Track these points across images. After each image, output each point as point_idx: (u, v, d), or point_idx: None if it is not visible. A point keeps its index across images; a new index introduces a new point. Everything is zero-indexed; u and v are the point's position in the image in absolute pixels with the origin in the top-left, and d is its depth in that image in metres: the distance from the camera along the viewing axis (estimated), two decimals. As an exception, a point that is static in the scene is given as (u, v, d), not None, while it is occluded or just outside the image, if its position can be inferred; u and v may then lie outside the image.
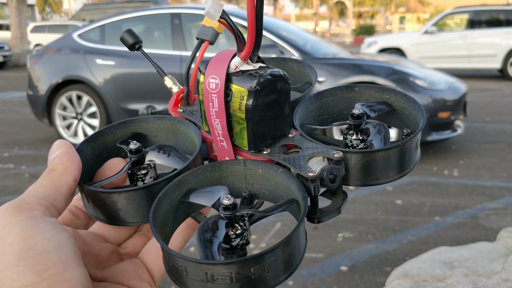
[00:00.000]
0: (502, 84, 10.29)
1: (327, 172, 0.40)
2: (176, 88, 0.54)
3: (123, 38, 0.56)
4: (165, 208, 0.40)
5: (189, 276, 0.34)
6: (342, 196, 0.43)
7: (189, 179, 0.42)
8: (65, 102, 5.55)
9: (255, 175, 0.43)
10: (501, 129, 6.11)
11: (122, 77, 5.32)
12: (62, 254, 0.34)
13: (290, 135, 0.45)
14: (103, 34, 5.57)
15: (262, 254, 0.33)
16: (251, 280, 0.33)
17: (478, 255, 2.37)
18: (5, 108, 8.40)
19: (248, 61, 0.43)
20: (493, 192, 3.94)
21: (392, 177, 0.43)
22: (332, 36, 40.84)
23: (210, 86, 0.43)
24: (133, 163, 0.46)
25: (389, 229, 3.25)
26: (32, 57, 5.77)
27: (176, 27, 5.35)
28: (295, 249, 0.36)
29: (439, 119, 4.68)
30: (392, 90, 0.50)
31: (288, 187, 0.40)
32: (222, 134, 0.44)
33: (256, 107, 0.41)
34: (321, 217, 0.42)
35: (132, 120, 0.51)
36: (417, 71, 4.93)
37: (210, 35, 0.48)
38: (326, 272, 2.71)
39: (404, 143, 0.42)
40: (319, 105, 0.52)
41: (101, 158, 0.49)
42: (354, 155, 0.42)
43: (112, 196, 0.42)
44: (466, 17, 11.57)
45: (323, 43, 5.77)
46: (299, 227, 0.36)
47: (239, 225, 0.38)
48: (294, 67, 0.59)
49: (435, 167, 4.62)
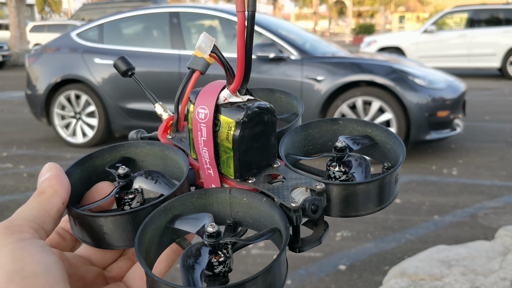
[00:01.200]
0: (501, 83, 10.29)
1: (309, 203, 0.41)
2: (166, 115, 0.56)
3: (116, 65, 0.58)
4: (151, 234, 0.41)
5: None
6: (323, 227, 0.45)
7: (175, 205, 0.43)
8: (64, 101, 5.55)
9: (240, 203, 0.44)
10: (500, 128, 6.10)
11: (120, 76, 5.29)
12: (50, 277, 0.35)
13: (275, 165, 0.47)
14: (101, 33, 5.56)
15: (243, 283, 0.34)
16: None
17: (476, 254, 2.36)
18: (4, 107, 8.40)
19: (237, 93, 0.44)
20: (492, 191, 3.94)
21: (372, 209, 0.44)
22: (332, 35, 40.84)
23: (199, 116, 0.44)
24: (121, 187, 0.47)
25: (387, 228, 3.24)
26: (31, 56, 5.76)
27: (174, 26, 5.35)
28: (275, 277, 0.37)
29: (438, 118, 4.67)
30: (374, 125, 0.52)
31: (271, 216, 0.41)
32: (209, 162, 0.45)
33: (243, 138, 0.43)
34: (302, 246, 0.43)
35: (121, 144, 0.52)
36: (416, 70, 4.92)
37: (201, 66, 0.49)
38: (325, 271, 2.70)
39: (384, 176, 0.44)
40: (305, 136, 0.54)
41: (89, 181, 0.50)
42: (336, 187, 0.43)
43: (99, 220, 0.42)
44: (465, 16, 11.57)
45: (323, 42, 5.76)
46: (280, 256, 0.37)
47: (222, 253, 0.39)
48: (282, 98, 0.61)
49: (434, 166, 4.62)
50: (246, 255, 2.86)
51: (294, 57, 4.84)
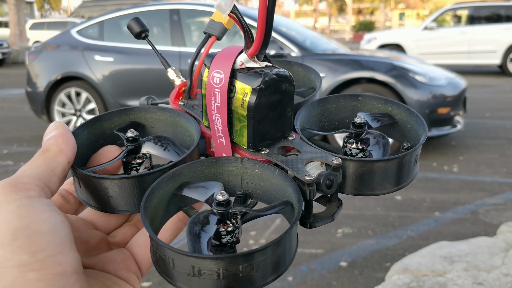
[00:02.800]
0: (502, 80, 10.28)
1: (324, 177, 0.40)
2: (179, 81, 0.54)
3: (129, 26, 0.55)
4: (157, 199, 0.40)
5: (176, 268, 0.34)
6: (337, 204, 0.43)
7: (184, 172, 0.42)
8: (64, 98, 5.54)
9: (252, 174, 0.43)
10: (501, 125, 6.10)
11: (120, 73, 5.31)
12: (56, 237, 0.34)
13: (290, 137, 0.45)
14: (101, 30, 5.56)
15: (252, 253, 0.33)
16: (238, 278, 0.33)
17: (478, 250, 2.36)
18: (4, 105, 8.39)
19: (255, 58, 0.42)
20: (493, 187, 3.94)
21: (389, 189, 0.43)
22: (332, 33, 40.81)
23: (214, 81, 0.42)
24: (129, 151, 0.45)
25: (389, 225, 3.24)
26: (31, 53, 5.75)
27: (175, 23, 5.34)
28: (285, 251, 0.35)
29: (439, 114, 4.67)
30: (396, 103, 0.50)
31: (284, 189, 0.40)
32: (222, 130, 0.44)
33: (259, 106, 0.41)
34: (314, 222, 0.41)
35: (131, 108, 0.50)
36: (416, 67, 4.91)
37: (218, 30, 0.47)
38: (326, 268, 2.70)
39: (404, 155, 0.42)
40: (321, 111, 0.52)
41: (96, 144, 0.48)
42: (353, 163, 0.41)
43: (105, 182, 0.41)
44: (466, 13, 11.56)
45: (323, 39, 5.75)
46: (291, 229, 0.35)
47: (231, 222, 0.38)
48: (300, 71, 0.59)
49: (435, 162, 4.62)
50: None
51: (295, 54, 4.84)
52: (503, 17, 11.15)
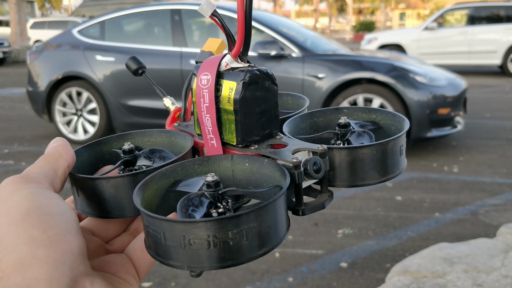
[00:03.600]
0: (502, 80, 10.29)
1: (311, 161, 0.42)
2: (174, 107, 0.58)
3: (127, 64, 0.61)
4: (151, 192, 0.41)
5: (167, 241, 0.34)
6: (327, 194, 0.45)
7: (177, 170, 0.44)
8: (65, 98, 5.55)
9: (242, 169, 0.44)
10: (501, 125, 6.11)
11: (122, 73, 5.31)
12: (65, 219, 0.36)
13: (277, 136, 0.48)
14: (103, 30, 5.56)
15: (240, 215, 0.33)
16: (228, 247, 0.33)
17: (478, 251, 2.37)
18: (5, 104, 8.40)
19: (238, 60, 0.45)
20: (493, 188, 3.94)
21: (378, 179, 0.44)
22: (332, 33, 40.78)
23: (202, 83, 0.45)
24: (125, 163, 0.48)
25: (389, 225, 3.25)
26: (32, 53, 5.76)
27: (176, 23, 5.34)
28: (274, 222, 0.36)
29: (439, 115, 4.67)
30: (379, 110, 0.53)
31: (273, 176, 0.42)
32: (212, 131, 0.46)
33: (244, 99, 0.44)
34: (306, 209, 0.43)
35: (129, 133, 0.53)
36: (417, 67, 4.92)
37: None
38: (326, 269, 2.71)
39: (388, 141, 0.44)
40: (310, 124, 0.55)
41: (97, 167, 0.51)
42: (339, 151, 0.43)
43: (100, 183, 0.43)
44: (466, 13, 11.56)
45: (323, 40, 5.76)
46: (280, 195, 0.36)
47: (222, 205, 0.39)
48: (288, 100, 0.63)
49: (435, 163, 4.63)
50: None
51: (295, 54, 4.85)
52: (504, 17, 11.15)
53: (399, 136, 0.45)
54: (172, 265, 0.35)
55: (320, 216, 3.40)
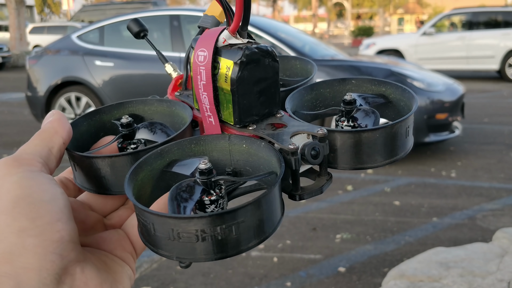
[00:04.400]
0: (500, 85, 10.31)
1: (309, 147, 0.40)
2: (175, 74, 0.56)
3: (129, 26, 0.57)
4: (145, 174, 0.40)
5: (157, 232, 0.34)
6: (326, 177, 0.43)
7: (173, 150, 0.42)
8: (64, 103, 5.57)
9: (240, 150, 0.43)
10: (499, 130, 6.12)
11: (121, 78, 5.33)
12: (56, 206, 0.35)
13: (278, 115, 0.45)
14: (102, 35, 5.59)
15: (229, 212, 0.33)
16: (217, 241, 0.33)
17: (473, 256, 2.38)
18: (4, 109, 8.40)
19: (237, 35, 0.43)
20: (491, 193, 3.96)
21: (380, 162, 0.42)
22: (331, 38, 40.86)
23: (199, 59, 0.43)
24: (124, 137, 0.46)
25: (387, 230, 3.26)
26: (31, 58, 5.78)
27: (175, 29, 5.37)
28: (266, 214, 0.35)
29: (437, 120, 4.69)
30: (389, 82, 0.50)
31: (269, 161, 0.40)
32: (210, 109, 0.45)
33: (242, 79, 0.42)
34: (303, 194, 0.41)
35: (130, 101, 0.52)
36: (415, 73, 4.94)
37: (211, 23, 0.49)
38: (324, 273, 2.72)
39: (393, 125, 0.42)
40: (315, 95, 0.52)
41: (97, 137, 0.50)
42: (340, 134, 0.41)
43: (96, 162, 0.42)
44: (464, 19, 11.60)
45: (322, 45, 5.78)
46: (272, 190, 0.35)
47: (215, 192, 0.38)
48: (297, 65, 0.60)
49: (433, 168, 4.64)
50: (246, 257, 2.88)
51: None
52: (502, 22, 11.19)
53: (405, 118, 0.43)
54: (162, 254, 0.35)
55: (318, 221, 3.41)
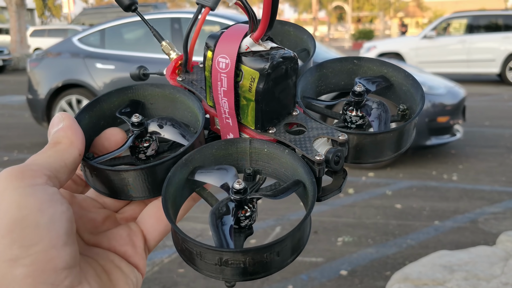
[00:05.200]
0: (501, 88, 10.32)
1: (333, 155, 0.41)
2: (174, 55, 0.52)
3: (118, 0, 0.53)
4: (174, 188, 0.41)
5: (203, 259, 0.35)
6: (342, 175, 0.44)
7: (196, 158, 0.42)
8: (65, 106, 5.56)
9: (261, 153, 0.43)
10: (500, 133, 6.12)
11: (122, 81, 5.33)
12: (52, 230, 0.34)
13: (294, 113, 0.46)
14: (103, 38, 5.59)
15: (276, 243, 0.35)
16: (263, 264, 0.35)
17: (477, 259, 2.37)
18: (5, 112, 8.40)
19: (260, 41, 0.42)
20: (492, 196, 3.95)
21: (389, 156, 0.44)
22: (331, 41, 40.91)
23: (220, 66, 0.42)
24: (136, 136, 0.45)
25: (388, 233, 3.25)
26: (32, 61, 5.77)
27: (176, 32, 5.37)
28: (304, 234, 0.38)
29: (438, 123, 4.69)
30: (392, 65, 0.50)
31: (294, 168, 0.41)
32: (229, 112, 0.44)
33: (267, 90, 0.41)
34: (323, 196, 0.42)
35: (130, 87, 0.50)
36: (415, 76, 4.93)
37: (211, 1, 0.45)
38: (326, 277, 2.71)
39: (405, 125, 0.44)
40: (318, 76, 0.53)
41: (98, 126, 0.48)
42: (357, 136, 0.42)
43: (121, 174, 0.42)
44: (465, 22, 11.61)
45: (322, 48, 5.78)
46: (309, 214, 0.37)
47: (249, 207, 0.39)
48: (291, 32, 0.58)
49: (435, 171, 4.63)
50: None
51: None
52: (502, 26, 11.20)
53: (417, 116, 0.45)
54: (207, 275, 0.36)
55: (320, 224, 3.40)
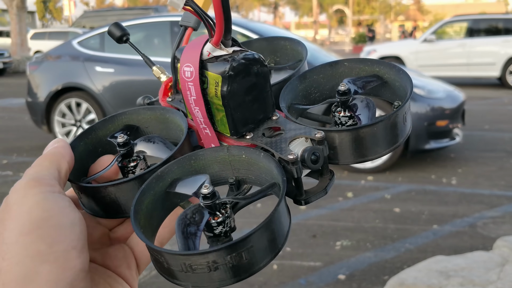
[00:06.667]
0: (501, 92, 10.32)
1: (308, 153, 0.40)
2: (165, 77, 0.54)
3: (110, 31, 0.55)
4: (149, 200, 0.40)
5: (171, 266, 0.35)
6: (329, 176, 0.43)
7: (173, 170, 0.42)
8: (64, 109, 5.57)
9: (240, 160, 0.42)
10: (499, 137, 6.12)
11: (121, 84, 5.33)
12: (73, 232, 0.36)
13: (274, 117, 0.44)
14: (102, 41, 5.59)
15: (236, 242, 0.33)
16: (230, 268, 0.33)
17: (474, 265, 2.37)
18: (4, 114, 8.41)
19: (221, 45, 0.42)
20: (491, 200, 3.94)
21: (380, 152, 0.42)
22: (332, 44, 40.97)
23: (186, 75, 0.42)
24: (123, 156, 0.45)
25: (387, 237, 3.25)
26: (32, 64, 5.78)
27: (175, 35, 5.37)
28: (275, 232, 0.35)
29: (438, 127, 4.69)
30: (382, 62, 0.49)
31: (270, 170, 0.40)
32: (204, 122, 0.44)
33: (232, 93, 0.41)
34: (308, 198, 0.41)
35: (123, 113, 0.51)
36: (415, 80, 4.94)
37: (193, 21, 0.47)
38: (324, 281, 2.70)
39: (389, 116, 0.41)
40: (309, 83, 0.51)
41: (95, 153, 0.49)
42: (338, 133, 0.41)
43: (101, 191, 0.42)
44: (465, 26, 11.63)
45: (322, 52, 5.79)
46: (276, 210, 0.35)
47: (221, 213, 0.38)
48: (287, 46, 0.58)
49: (433, 175, 4.63)
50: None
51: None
52: (502, 29, 11.21)
53: (401, 107, 0.42)
54: (178, 284, 0.36)
55: (318, 228, 3.39)
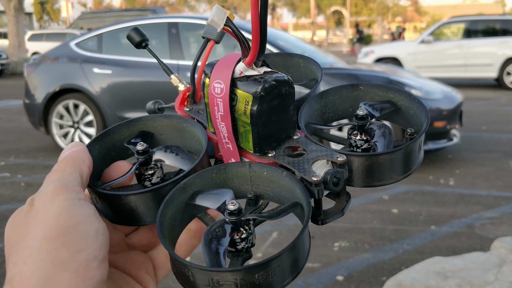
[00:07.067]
0: (498, 93, 10.34)
1: (331, 176, 0.41)
2: (183, 87, 0.55)
3: (129, 36, 0.57)
4: (172, 211, 0.41)
5: (196, 280, 0.35)
6: (345, 198, 0.44)
7: (195, 182, 0.43)
8: (62, 110, 5.56)
9: (260, 177, 0.44)
10: (497, 138, 6.13)
11: (119, 86, 5.33)
12: (97, 242, 0.36)
13: (295, 137, 0.46)
14: (100, 43, 5.59)
15: (267, 262, 0.34)
16: (255, 285, 0.34)
17: (471, 266, 2.37)
18: (2, 116, 8.40)
19: (253, 66, 0.43)
20: (489, 201, 3.95)
21: (396, 178, 0.44)
22: (330, 45, 40.99)
23: (215, 91, 0.43)
24: (140, 163, 0.46)
25: (385, 238, 3.25)
26: (29, 65, 5.78)
27: (173, 36, 5.38)
28: (299, 253, 0.37)
29: (435, 128, 4.69)
30: (397, 89, 0.50)
31: (292, 190, 0.41)
32: (228, 137, 0.45)
33: (261, 112, 0.42)
34: (325, 218, 0.42)
35: (139, 118, 0.51)
36: (412, 81, 4.95)
37: (215, 35, 0.48)
38: (322, 282, 2.70)
39: (407, 145, 0.43)
40: (324, 103, 0.53)
41: (109, 157, 0.50)
42: (358, 158, 0.42)
43: (121, 199, 0.43)
44: (462, 27, 11.65)
45: (320, 53, 5.80)
46: (303, 233, 0.36)
47: (244, 229, 0.39)
48: (300, 63, 0.60)
49: (431, 176, 4.63)
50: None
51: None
52: (499, 30, 11.23)
53: (419, 137, 0.44)
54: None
55: (316, 229, 3.39)
